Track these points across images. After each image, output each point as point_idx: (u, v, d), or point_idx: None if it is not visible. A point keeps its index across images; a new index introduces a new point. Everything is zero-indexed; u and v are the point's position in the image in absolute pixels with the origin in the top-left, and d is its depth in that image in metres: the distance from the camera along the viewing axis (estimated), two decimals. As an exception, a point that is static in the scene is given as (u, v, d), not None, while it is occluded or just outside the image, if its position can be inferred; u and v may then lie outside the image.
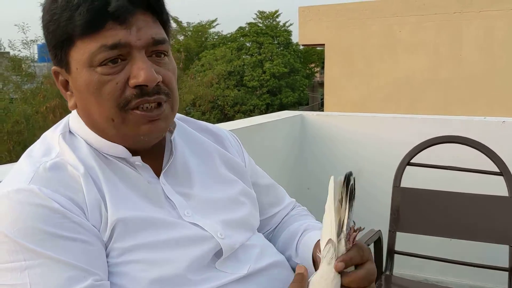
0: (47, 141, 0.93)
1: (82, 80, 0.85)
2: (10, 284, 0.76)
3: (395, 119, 2.84)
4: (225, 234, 0.94)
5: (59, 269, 0.77)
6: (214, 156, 1.06)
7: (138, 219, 0.87)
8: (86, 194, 0.84)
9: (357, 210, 2.84)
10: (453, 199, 2.02)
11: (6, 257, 0.77)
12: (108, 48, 0.83)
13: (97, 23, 0.82)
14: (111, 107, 0.85)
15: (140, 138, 0.89)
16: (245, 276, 0.94)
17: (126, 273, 0.84)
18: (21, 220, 0.78)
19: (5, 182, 0.85)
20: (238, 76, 24.99)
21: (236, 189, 1.04)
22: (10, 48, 16.13)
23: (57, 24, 0.84)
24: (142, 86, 0.85)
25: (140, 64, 0.84)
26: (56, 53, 0.88)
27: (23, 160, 0.90)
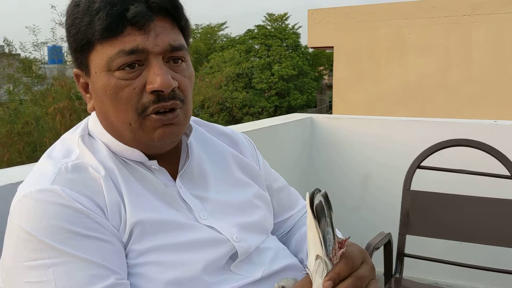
0: (67, 143, 0.95)
1: (100, 84, 0.87)
2: (35, 281, 0.78)
3: (405, 122, 2.84)
4: (241, 237, 0.96)
5: (83, 267, 0.79)
6: (229, 159, 1.07)
7: (155, 221, 0.88)
8: (106, 196, 0.86)
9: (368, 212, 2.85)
10: (463, 202, 2.01)
11: (31, 255, 0.79)
12: (126, 53, 0.84)
13: (115, 28, 0.84)
14: (129, 112, 0.87)
15: (154, 142, 0.90)
16: (259, 279, 0.95)
17: (143, 274, 0.85)
18: (45, 219, 0.80)
19: (27, 182, 0.87)
20: (247, 78, 25.03)
21: (251, 192, 1.05)
22: (21, 50, 16.28)
23: (78, 28, 0.86)
24: (158, 92, 0.86)
25: (156, 70, 0.85)
26: (77, 56, 0.90)
27: (44, 161, 0.91)
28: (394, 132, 2.80)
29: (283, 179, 1.23)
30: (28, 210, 0.81)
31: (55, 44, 16.79)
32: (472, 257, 2.05)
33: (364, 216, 2.63)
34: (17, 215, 0.83)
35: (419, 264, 2.13)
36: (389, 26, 9.26)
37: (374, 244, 1.76)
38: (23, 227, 0.80)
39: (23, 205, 0.82)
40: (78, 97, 14.37)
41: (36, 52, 15.78)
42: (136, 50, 0.84)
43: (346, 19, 9.71)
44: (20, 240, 0.80)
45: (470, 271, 2.07)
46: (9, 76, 15.44)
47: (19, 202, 0.83)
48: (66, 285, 0.78)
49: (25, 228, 0.80)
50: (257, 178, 1.10)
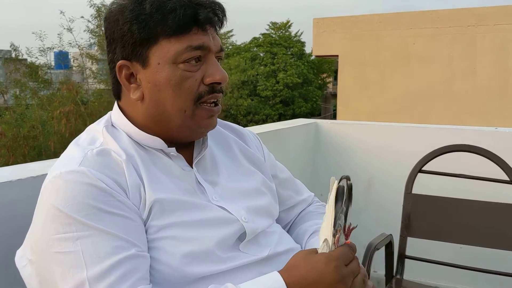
0: (92, 133, 1.05)
1: (164, 74, 0.98)
2: (65, 251, 0.87)
3: (408, 128, 2.89)
4: (249, 218, 1.05)
5: (107, 239, 0.88)
6: (236, 149, 1.18)
7: (173, 200, 0.98)
8: (127, 177, 0.95)
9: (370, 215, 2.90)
10: (464, 206, 2.06)
11: (60, 229, 0.88)
12: (193, 48, 0.98)
13: (186, 27, 0.97)
14: (187, 100, 0.99)
15: (200, 130, 1.04)
16: (265, 258, 1.04)
17: (161, 248, 0.94)
18: (73, 197, 0.89)
19: (56, 165, 0.96)
20: (252, 86, 25.12)
21: (257, 180, 1.16)
22: (27, 55, 16.43)
23: (145, 23, 0.96)
24: (214, 84, 1.01)
25: (216, 66, 1.02)
26: (134, 49, 0.98)
27: (72, 148, 1.01)
28: (396, 137, 2.85)
29: (288, 171, 1.34)
30: (58, 189, 0.90)
31: (62, 49, 16.93)
32: (472, 260, 2.09)
33: (366, 218, 2.67)
34: (47, 193, 0.92)
35: (420, 266, 2.18)
36: (394, 35, 9.32)
37: (375, 244, 1.81)
38: (54, 204, 0.89)
39: (53, 185, 0.91)
40: (83, 102, 14.48)
41: (42, 58, 15.88)
42: (202, 46, 0.99)
43: (351, 29, 9.78)
44: (50, 215, 0.89)
45: (470, 273, 2.11)
46: (16, 80, 15.57)
47: (50, 182, 0.92)
48: (92, 254, 0.86)
49: (55, 205, 0.89)
50: (262, 168, 1.20)
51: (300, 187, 1.36)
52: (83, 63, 16.56)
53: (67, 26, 15.13)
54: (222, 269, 0.97)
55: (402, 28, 9.19)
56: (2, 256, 1.16)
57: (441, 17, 8.87)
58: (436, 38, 8.90)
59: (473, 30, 8.66)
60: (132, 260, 0.88)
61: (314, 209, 1.33)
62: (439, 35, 8.87)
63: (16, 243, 1.03)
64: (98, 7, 15.69)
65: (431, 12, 9.06)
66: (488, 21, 8.54)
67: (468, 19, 8.67)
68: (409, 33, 9.12)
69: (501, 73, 8.49)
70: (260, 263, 1.03)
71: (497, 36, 8.49)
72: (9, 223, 1.18)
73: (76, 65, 17.65)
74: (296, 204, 1.31)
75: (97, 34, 16.02)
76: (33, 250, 0.94)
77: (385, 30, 9.37)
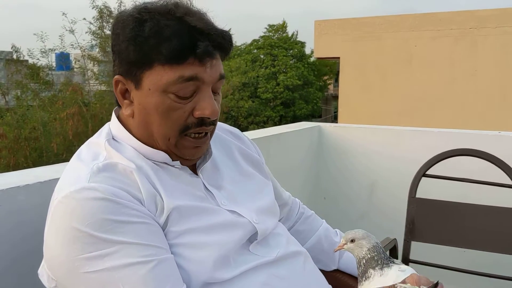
0: (93, 147, 1.03)
1: (153, 101, 0.96)
2: (95, 270, 0.86)
3: (411, 132, 2.89)
4: (259, 220, 1.07)
5: (134, 250, 0.87)
6: (236, 152, 1.20)
7: (188, 206, 0.98)
8: (141, 187, 0.95)
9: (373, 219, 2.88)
10: (468, 210, 2.06)
11: (85, 249, 0.86)
12: (184, 79, 0.94)
13: (181, 57, 0.93)
14: (173, 130, 0.98)
15: (184, 158, 1.03)
16: (275, 260, 1.05)
17: (179, 254, 0.94)
18: (90, 214, 0.87)
19: (63, 184, 0.94)
20: (252, 88, 25.12)
21: (258, 181, 1.18)
22: (28, 57, 16.41)
23: (140, 46, 0.94)
24: (204, 118, 0.98)
25: (207, 100, 0.97)
26: (129, 68, 0.97)
27: (75, 164, 0.99)
28: (400, 141, 2.85)
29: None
30: (72, 209, 0.88)
31: (63, 51, 16.93)
32: (476, 264, 2.09)
33: (370, 222, 2.68)
34: (61, 215, 0.90)
35: (424, 270, 2.17)
36: (396, 38, 9.33)
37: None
38: (71, 225, 0.87)
39: (66, 205, 0.89)
40: (85, 103, 14.48)
41: (43, 59, 15.87)
42: (194, 77, 0.95)
43: (353, 31, 9.79)
44: (70, 237, 0.87)
45: (474, 277, 2.11)
46: (17, 82, 15.56)
47: (61, 203, 0.90)
48: (123, 269, 0.86)
49: (74, 225, 0.87)
50: (261, 169, 1.23)
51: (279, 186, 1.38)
52: (85, 64, 16.56)
53: (69, 28, 15.15)
54: (235, 274, 0.98)
55: (404, 31, 9.20)
56: (10, 261, 1.16)
57: (442, 20, 8.88)
58: (437, 40, 8.90)
59: (475, 32, 8.66)
60: (163, 265, 0.89)
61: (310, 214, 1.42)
62: (440, 38, 8.87)
63: (25, 247, 1.04)
64: (100, 8, 15.70)
65: (432, 14, 9.07)
66: (490, 24, 8.55)
67: (469, 22, 8.68)
68: (411, 35, 9.13)
69: (502, 76, 8.49)
70: (270, 264, 1.04)
71: (498, 38, 8.49)
72: (17, 228, 1.18)
73: (78, 66, 17.64)
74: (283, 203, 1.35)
75: (99, 36, 16.03)
76: (56, 272, 0.92)
77: (386, 32, 9.38)
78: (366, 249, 0.96)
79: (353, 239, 0.99)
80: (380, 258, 0.95)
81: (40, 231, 0.97)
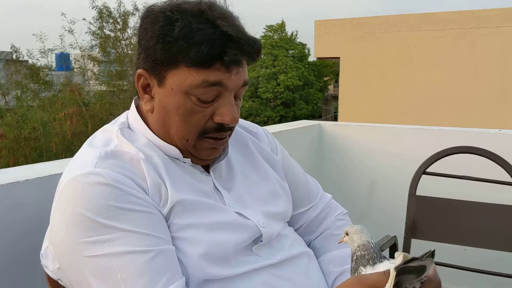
0: (107, 134, 1.03)
1: (174, 101, 0.95)
2: (94, 255, 0.86)
3: (411, 130, 2.89)
4: (266, 224, 1.05)
5: (134, 238, 0.87)
6: (254, 149, 1.17)
7: (194, 201, 0.97)
8: (147, 176, 0.94)
9: (374, 217, 2.88)
10: (468, 208, 2.06)
11: (86, 233, 0.86)
12: (208, 84, 0.93)
13: (208, 62, 0.92)
14: (192, 132, 0.97)
15: (200, 158, 1.02)
16: (278, 262, 1.04)
17: (180, 247, 0.93)
18: (93, 200, 0.87)
19: (71, 168, 0.95)
20: (253, 88, 25.14)
21: (273, 181, 1.15)
22: (28, 57, 16.41)
23: (168, 47, 0.92)
24: (224, 124, 0.97)
25: (228, 107, 0.96)
26: (155, 66, 0.95)
27: (85, 149, 0.99)
28: (400, 139, 2.85)
29: (300, 168, 1.31)
30: (77, 193, 0.89)
31: (63, 51, 16.93)
32: (476, 262, 2.09)
33: (371, 220, 2.67)
34: (66, 198, 0.90)
35: (424, 268, 2.17)
36: (396, 38, 9.33)
37: (379, 246, 1.81)
38: (75, 209, 0.87)
39: (71, 189, 0.90)
40: (85, 103, 14.49)
41: (43, 59, 15.87)
42: (218, 83, 0.94)
43: (353, 31, 9.79)
44: (72, 221, 0.88)
45: (474, 275, 2.11)
46: (17, 82, 15.56)
47: (66, 186, 0.90)
48: (122, 256, 0.85)
49: (77, 209, 0.87)
50: (275, 166, 1.19)
51: (313, 188, 1.31)
52: (85, 64, 16.58)
53: (68, 28, 15.16)
54: (235, 272, 0.97)
55: (404, 30, 9.20)
56: (10, 256, 1.16)
57: (442, 20, 8.88)
58: (437, 40, 8.90)
59: (475, 32, 8.67)
60: (163, 256, 0.88)
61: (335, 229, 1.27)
62: (440, 37, 8.87)
63: (24, 243, 1.03)
64: (100, 9, 15.70)
65: (432, 14, 9.08)
66: (490, 24, 8.55)
67: (469, 22, 8.68)
68: (411, 35, 9.13)
69: (502, 75, 8.49)
70: (273, 266, 1.03)
71: (498, 38, 8.49)
72: (17, 223, 1.18)
73: (78, 66, 17.65)
74: (307, 210, 1.27)
75: (99, 36, 16.03)
76: (59, 254, 0.93)
77: (386, 32, 9.38)
78: (356, 245, 0.94)
79: (347, 232, 0.98)
80: (371, 258, 0.93)
81: (40, 226, 0.97)
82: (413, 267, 0.84)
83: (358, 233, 0.95)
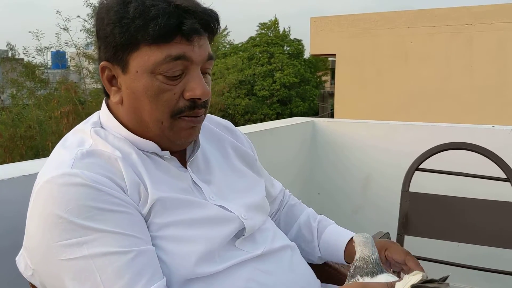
0: (79, 134, 1.00)
1: (141, 84, 0.94)
2: (72, 258, 0.84)
3: (404, 126, 2.88)
4: (248, 216, 1.04)
5: (113, 239, 0.85)
6: (228, 147, 1.17)
7: (174, 198, 0.96)
8: (125, 175, 0.92)
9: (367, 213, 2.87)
10: (461, 204, 2.05)
11: (63, 235, 0.84)
12: (172, 58, 0.92)
13: (168, 36, 0.91)
14: (165, 113, 0.95)
15: (179, 141, 1.00)
16: (261, 255, 1.03)
17: (161, 247, 0.92)
18: (71, 200, 0.85)
19: (46, 169, 0.92)
20: (249, 86, 25.12)
21: (250, 177, 1.16)
22: (24, 55, 16.35)
23: (126, 28, 0.91)
24: (195, 99, 0.95)
25: (197, 80, 0.95)
26: (116, 52, 0.94)
27: (59, 150, 0.97)
28: (393, 135, 2.85)
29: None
30: (53, 195, 0.86)
31: (59, 49, 16.87)
32: (469, 258, 2.09)
33: (364, 216, 2.67)
34: (42, 200, 0.87)
35: (417, 265, 2.17)
36: (391, 34, 9.33)
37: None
38: (52, 211, 0.85)
39: (47, 191, 0.87)
40: (81, 101, 14.45)
41: (39, 57, 15.82)
42: (181, 56, 0.92)
43: (349, 27, 9.79)
44: (49, 223, 0.85)
45: (468, 272, 2.10)
46: (13, 80, 15.51)
47: (42, 188, 0.88)
48: (101, 257, 0.84)
49: (53, 211, 0.85)
50: (253, 165, 1.20)
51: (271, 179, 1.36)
52: (80, 62, 16.53)
53: (63, 26, 15.11)
54: (220, 269, 0.95)
55: (399, 27, 9.21)
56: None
57: (438, 16, 8.89)
58: (433, 36, 8.91)
59: (470, 28, 8.68)
60: (143, 256, 0.87)
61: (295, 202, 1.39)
62: (436, 34, 8.88)
63: (7, 242, 1.02)
64: (95, 6, 15.64)
65: (428, 10, 9.08)
66: (486, 20, 8.56)
67: (465, 18, 8.69)
68: (406, 31, 9.14)
69: (498, 72, 8.51)
70: (256, 259, 1.02)
71: (494, 34, 8.51)
72: (1, 221, 1.16)
73: (73, 64, 17.60)
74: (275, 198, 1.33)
75: (94, 34, 15.97)
76: (34, 259, 0.90)
77: (382, 29, 9.39)
78: (357, 256, 0.96)
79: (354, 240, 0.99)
80: (370, 272, 0.94)
81: (24, 225, 0.95)
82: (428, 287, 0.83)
83: (361, 246, 0.97)
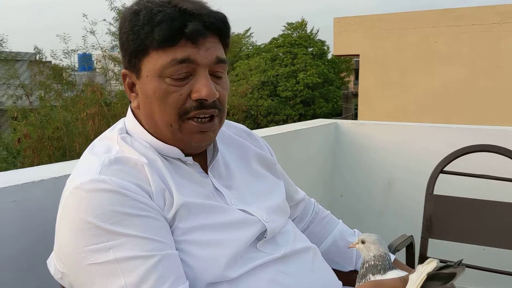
0: (106, 141, 1.04)
1: (151, 87, 0.98)
2: (99, 262, 0.87)
3: (429, 128, 2.86)
4: (269, 219, 1.06)
5: (139, 243, 0.88)
6: (248, 152, 1.19)
7: (198, 204, 0.99)
8: (151, 181, 0.95)
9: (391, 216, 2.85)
10: (486, 207, 2.03)
11: (91, 240, 0.88)
12: (177, 62, 0.95)
13: (172, 39, 0.95)
14: (172, 114, 0.98)
15: (192, 144, 1.02)
16: (282, 256, 1.05)
17: (186, 251, 0.94)
18: (98, 206, 0.88)
19: (75, 176, 0.96)
20: (272, 86, 25.09)
21: (270, 181, 1.18)
22: (51, 57, 16.63)
23: (137, 35, 0.96)
24: (202, 100, 0.97)
25: (203, 81, 0.97)
26: (130, 59, 1.00)
27: (87, 156, 1.01)
28: (417, 137, 2.82)
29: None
30: (81, 200, 0.90)
31: (86, 51, 17.13)
32: (496, 262, 2.06)
33: (387, 219, 2.65)
34: (71, 206, 0.91)
35: (441, 268, 2.15)
36: (416, 34, 9.23)
37: (396, 245, 1.79)
38: (80, 216, 0.89)
39: (76, 196, 0.91)
40: (107, 103, 14.65)
41: (66, 60, 16.07)
42: (186, 59, 0.96)
43: (372, 28, 9.71)
44: (77, 228, 0.89)
45: (494, 276, 2.08)
46: (41, 82, 15.80)
47: (71, 194, 0.92)
48: (127, 262, 0.87)
49: (82, 217, 0.89)
50: (273, 169, 1.23)
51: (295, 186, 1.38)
52: (106, 65, 16.75)
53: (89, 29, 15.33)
54: (242, 271, 0.97)
55: (424, 27, 9.10)
56: (28, 256, 1.18)
57: (463, 15, 8.76)
58: (458, 36, 8.78)
59: (497, 27, 8.52)
60: (167, 260, 0.89)
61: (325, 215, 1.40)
62: (461, 33, 8.75)
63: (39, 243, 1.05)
64: (119, 10, 15.84)
65: (452, 10, 8.95)
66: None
67: (491, 17, 8.54)
68: (431, 31, 9.02)
69: (526, 71, 8.33)
70: (277, 261, 1.04)
71: (521, 33, 8.34)
72: (32, 222, 1.20)
73: (99, 67, 17.85)
74: (298, 203, 1.35)
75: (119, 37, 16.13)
76: (63, 263, 0.94)
77: (406, 29, 9.29)
78: (372, 255, 0.97)
79: (363, 241, 1.00)
80: (383, 268, 0.96)
81: (54, 227, 0.98)
82: (444, 274, 0.85)
83: (376, 244, 0.99)
